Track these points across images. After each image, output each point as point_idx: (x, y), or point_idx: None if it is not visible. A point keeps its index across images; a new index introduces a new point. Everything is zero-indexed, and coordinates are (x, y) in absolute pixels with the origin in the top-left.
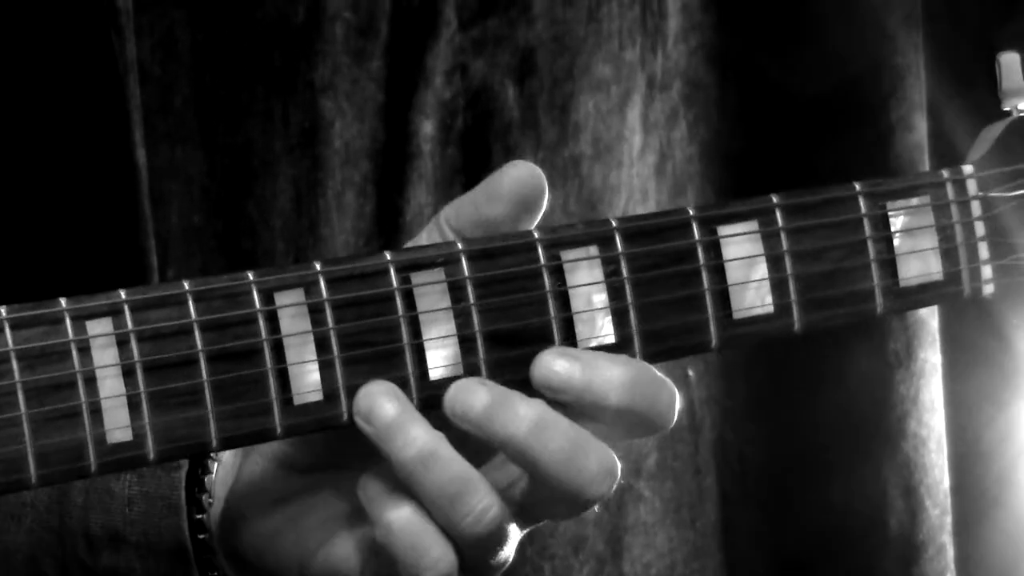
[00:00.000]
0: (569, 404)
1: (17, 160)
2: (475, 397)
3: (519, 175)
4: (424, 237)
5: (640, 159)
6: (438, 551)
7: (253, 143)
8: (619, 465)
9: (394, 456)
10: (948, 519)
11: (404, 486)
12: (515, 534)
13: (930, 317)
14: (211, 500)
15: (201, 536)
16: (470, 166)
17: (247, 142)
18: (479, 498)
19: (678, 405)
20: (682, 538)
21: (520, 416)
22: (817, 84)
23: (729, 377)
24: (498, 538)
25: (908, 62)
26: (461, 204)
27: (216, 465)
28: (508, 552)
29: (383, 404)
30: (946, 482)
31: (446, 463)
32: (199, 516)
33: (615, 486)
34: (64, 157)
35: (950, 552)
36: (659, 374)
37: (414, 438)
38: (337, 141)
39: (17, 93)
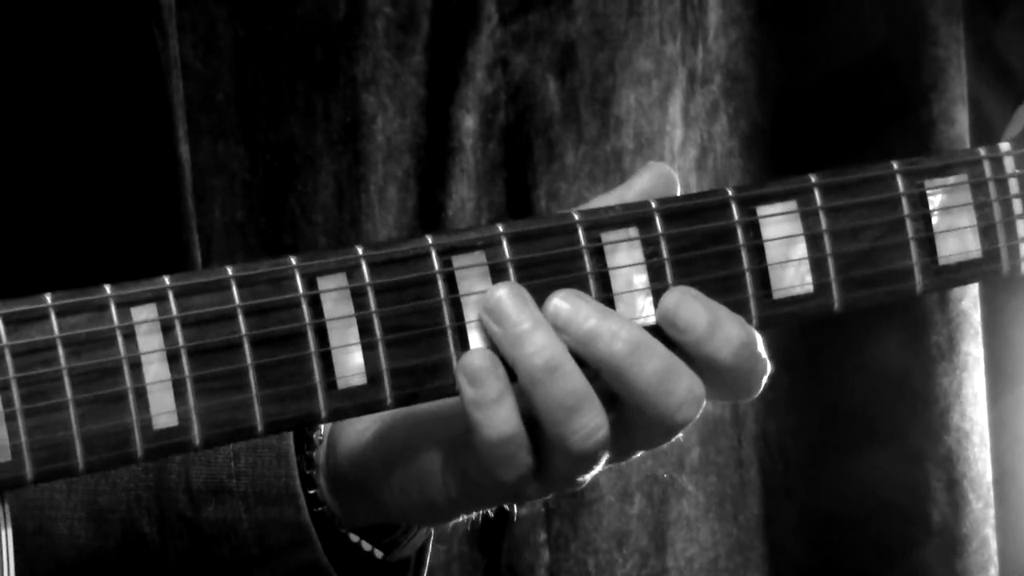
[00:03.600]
0: (686, 347)
1: (63, 157)
2: (582, 313)
3: (652, 177)
4: None
5: (681, 153)
6: (526, 457)
7: (295, 138)
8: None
9: (522, 362)
10: (991, 512)
11: (519, 391)
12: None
13: (972, 309)
14: (320, 437)
15: (308, 472)
16: (512, 160)
17: (289, 137)
18: (593, 416)
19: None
20: (725, 532)
21: (621, 336)
22: (857, 77)
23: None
24: (595, 459)
25: (949, 55)
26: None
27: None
28: (590, 477)
29: (509, 307)
30: (989, 475)
31: (569, 375)
32: (308, 453)
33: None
34: (109, 153)
35: (993, 545)
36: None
37: (542, 347)
38: (379, 136)
39: (62, 90)
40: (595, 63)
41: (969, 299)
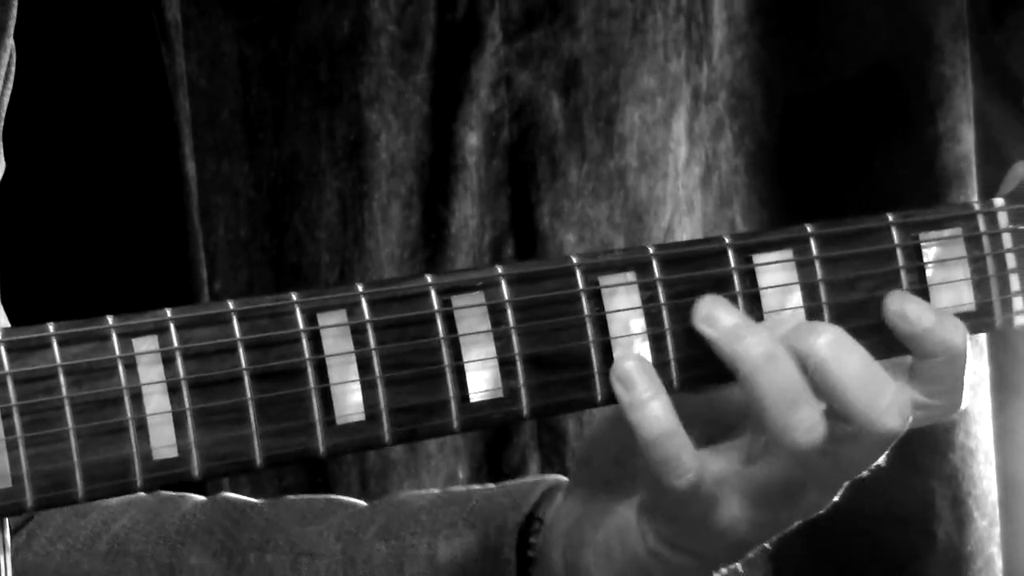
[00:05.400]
0: (912, 340)
1: (69, 173)
2: (785, 316)
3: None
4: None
5: (686, 170)
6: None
7: (299, 155)
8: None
9: (741, 355)
10: (996, 530)
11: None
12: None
13: None
14: (538, 527)
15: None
16: (515, 178)
17: (293, 155)
18: (812, 410)
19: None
20: None
21: (822, 331)
22: (863, 95)
23: None
24: (810, 462)
25: (955, 72)
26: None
27: (541, 526)
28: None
29: (722, 312)
30: (994, 493)
31: (788, 366)
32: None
33: (906, 426)
34: (115, 170)
35: (998, 563)
36: None
37: (761, 339)
38: (383, 153)
39: (69, 107)
40: (599, 81)
41: None
